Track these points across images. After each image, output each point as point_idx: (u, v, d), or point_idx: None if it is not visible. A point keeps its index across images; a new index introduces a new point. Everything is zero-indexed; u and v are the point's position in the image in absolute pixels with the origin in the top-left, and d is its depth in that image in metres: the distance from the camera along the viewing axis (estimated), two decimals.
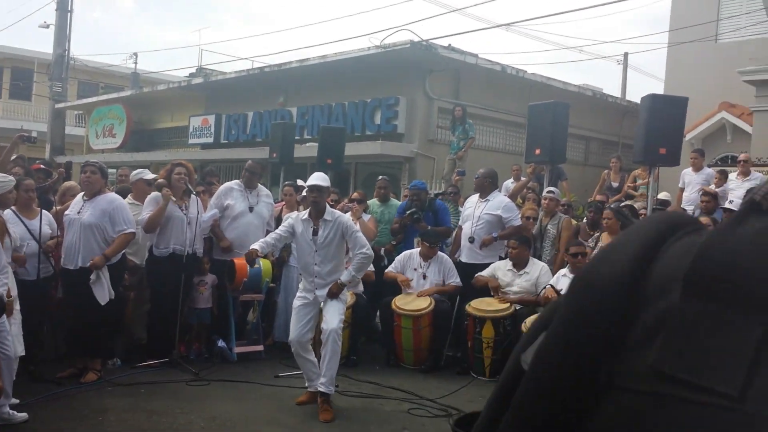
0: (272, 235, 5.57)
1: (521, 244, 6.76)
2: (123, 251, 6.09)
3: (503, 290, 6.69)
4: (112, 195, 6.16)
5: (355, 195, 8.05)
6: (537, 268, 6.74)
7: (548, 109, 8.17)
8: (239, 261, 6.67)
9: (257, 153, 12.44)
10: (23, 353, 5.17)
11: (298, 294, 5.52)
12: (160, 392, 5.58)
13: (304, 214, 5.43)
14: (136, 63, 26.06)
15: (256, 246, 5.37)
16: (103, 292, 5.70)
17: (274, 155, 10.47)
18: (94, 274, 5.69)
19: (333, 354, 5.14)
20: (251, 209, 7.17)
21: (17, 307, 4.98)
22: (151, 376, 5.98)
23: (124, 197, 6.67)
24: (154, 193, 6.64)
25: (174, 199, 6.46)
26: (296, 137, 11.86)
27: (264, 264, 6.86)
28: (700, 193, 8.46)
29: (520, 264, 6.73)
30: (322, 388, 5.12)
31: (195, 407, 5.23)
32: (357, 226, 5.68)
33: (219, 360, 6.63)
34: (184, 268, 6.44)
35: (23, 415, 4.75)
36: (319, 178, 5.38)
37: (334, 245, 5.32)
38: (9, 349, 4.62)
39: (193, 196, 6.64)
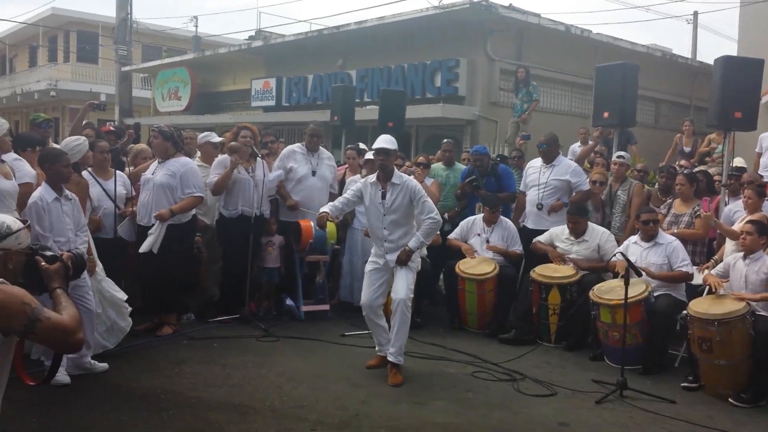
0: (340, 199, 5.55)
1: (579, 217, 6.58)
2: (193, 212, 6.26)
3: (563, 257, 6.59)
4: (185, 159, 6.29)
5: (420, 159, 7.98)
6: (596, 234, 6.59)
7: (616, 70, 7.88)
8: (305, 223, 6.80)
9: (318, 116, 12.50)
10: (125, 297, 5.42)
11: (369, 259, 5.48)
12: (233, 347, 5.78)
13: (372, 177, 5.37)
14: (196, 26, 26.53)
15: (326, 209, 5.40)
16: (151, 243, 5.81)
17: (336, 118, 10.45)
18: (156, 225, 5.83)
19: (402, 324, 5.14)
20: (314, 173, 7.21)
21: (99, 263, 5.20)
22: (224, 331, 6.19)
23: None
24: (222, 156, 6.78)
25: (241, 164, 6.57)
26: (356, 100, 11.84)
27: (329, 226, 6.89)
28: None
29: (577, 232, 6.61)
30: (391, 358, 5.15)
31: (266, 362, 5.39)
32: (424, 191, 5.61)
33: (287, 318, 6.81)
34: (252, 229, 6.58)
35: (104, 365, 4.99)
36: (386, 141, 5.28)
37: (403, 209, 5.25)
38: (90, 303, 4.83)
39: (258, 158, 6.73)
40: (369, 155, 7.66)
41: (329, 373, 5.21)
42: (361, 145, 9.10)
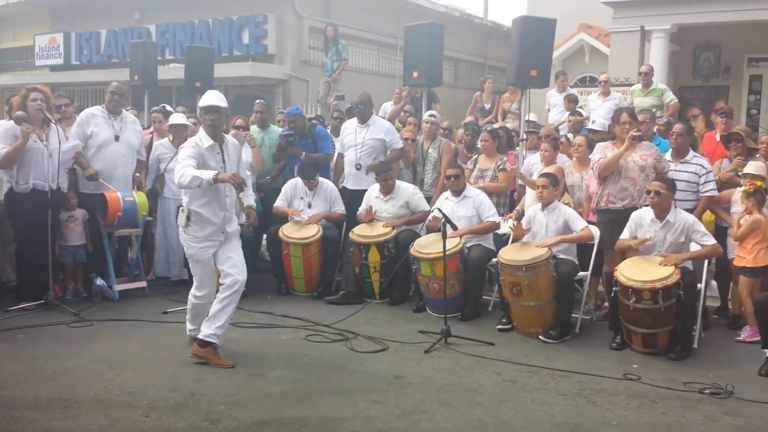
0: (192, 173, 4.52)
1: (386, 173, 6.75)
2: None
3: (377, 217, 6.76)
4: None
5: (239, 121, 7.64)
6: (403, 191, 6.83)
7: (424, 30, 8.14)
8: (111, 194, 6.31)
9: (116, 75, 11.54)
10: None
11: (199, 244, 4.76)
12: (41, 336, 5.26)
13: (207, 140, 4.71)
14: None
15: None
16: None
17: (136, 78, 9.78)
18: None
19: (234, 304, 4.81)
20: (117, 137, 6.66)
21: None
22: (28, 320, 5.61)
23: None
24: (8, 123, 6.01)
25: (34, 132, 5.87)
26: (158, 58, 11.10)
27: (139, 197, 6.54)
28: (567, 113, 8.91)
29: (386, 190, 6.80)
30: (213, 339, 4.74)
31: (81, 350, 4.97)
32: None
33: (99, 299, 6.32)
34: (49, 204, 5.96)
35: None
36: (215, 98, 4.75)
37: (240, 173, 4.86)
38: None
39: (52, 124, 6.07)
40: (175, 119, 7.23)
41: (155, 355, 4.93)
42: (168, 107, 8.57)
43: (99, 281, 6.33)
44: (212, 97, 4.78)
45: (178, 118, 7.26)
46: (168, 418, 3.88)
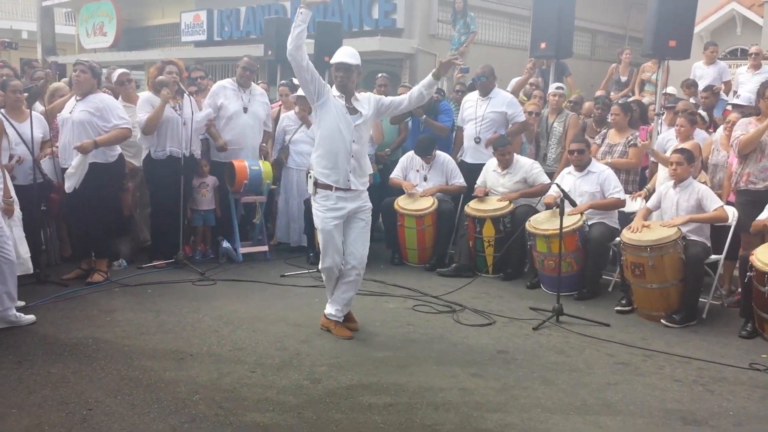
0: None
1: (504, 147, 6.52)
2: (119, 151, 5.96)
3: (493, 190, 6.61)
4: (105, 95, 5.96)
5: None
6: (521, 166, 6.61)
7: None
8: (239, 163, 6.59)
9: (252, 51, 11.99)
10: (28, 253, 5.15)
11: (326, 214, 4.55)
12: (167, 292, 5.62)
13: (336, 91, 4.49)
14: None
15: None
16: (73, 181, 5.56)
17: (270, 53, 10.15)
18: (76, 159, 5.52)
19: (355, 289, 4.85)
20: (246, 109, 6.92)
21: (17, 210, 4.91)
22: (158, 277, 6.02)
23: None
24: (147, 94, 6.44)
25: (172, 98, 6.27)
26: None
27: (264, 166, 6.78)
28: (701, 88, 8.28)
29: (504, 165, 6.60)
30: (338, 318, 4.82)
31: (202, 306, 5.27)
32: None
33: (224, 260, 6.67)
34: (183, 171, 6.33)
35: (30, 317, 4.77)
36: (346, 54, 4.38)
37: (368, 129, 4.65)
38: (10, 253, 4.59)
39: (186, 95, 6.43)
40: (301, 91, 7.40)
41: (269, 315, 5.14)
42: (295, 81, 8.79)
43: (225, 244, 6.67)
44: (343, 54, 4.45)
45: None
46: (272, 375, 4.03)
